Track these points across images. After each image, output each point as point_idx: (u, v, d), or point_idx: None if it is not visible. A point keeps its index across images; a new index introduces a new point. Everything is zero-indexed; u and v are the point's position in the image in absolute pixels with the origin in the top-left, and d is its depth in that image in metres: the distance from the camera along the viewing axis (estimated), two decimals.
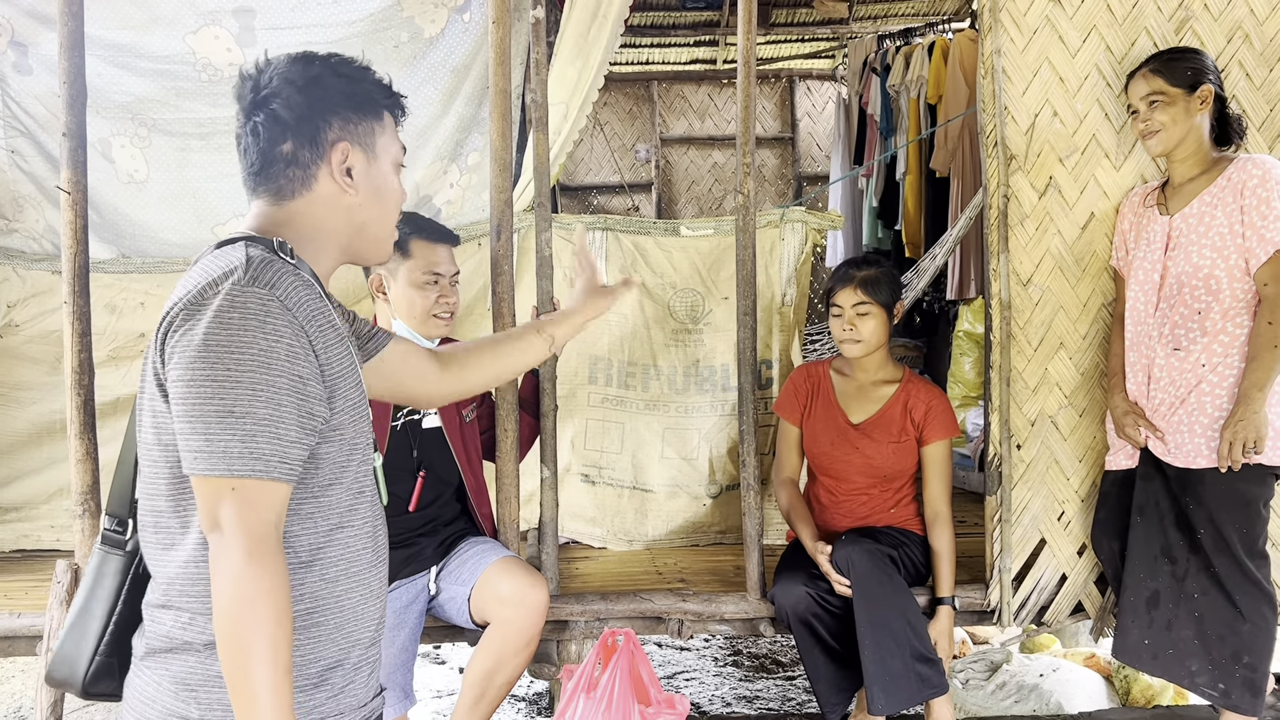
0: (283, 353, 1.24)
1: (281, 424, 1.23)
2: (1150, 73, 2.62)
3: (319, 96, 1.38)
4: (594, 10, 3.44)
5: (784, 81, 8.12)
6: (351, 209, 1.43)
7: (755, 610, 2.94)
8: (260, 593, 1.19)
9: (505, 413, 2.78)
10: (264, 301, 1.23)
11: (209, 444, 1.20)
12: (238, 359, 1.21)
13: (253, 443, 1.21)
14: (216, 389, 1.20)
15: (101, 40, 3.27)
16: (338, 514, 1.34)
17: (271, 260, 1.29)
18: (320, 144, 1.39)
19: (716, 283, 3.63)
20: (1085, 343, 2.90)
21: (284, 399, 1.23)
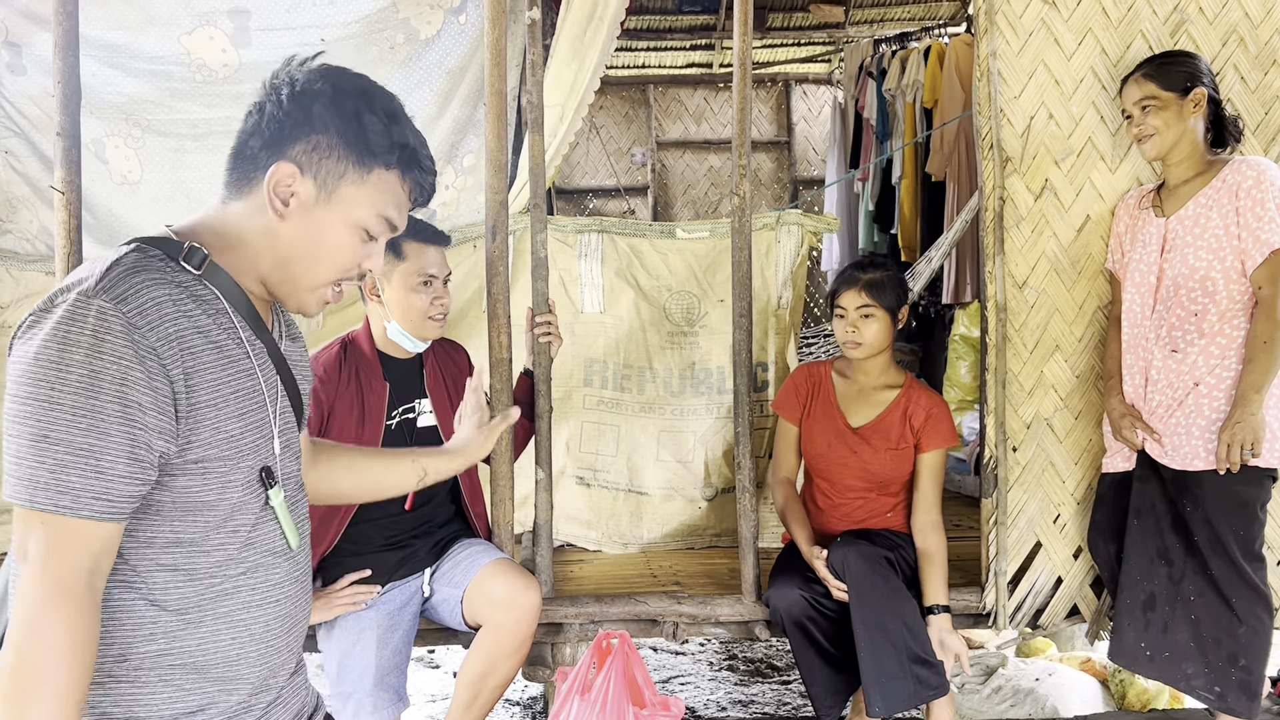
0: (116, 376, 1.09)
1: (104, 455, 1.09)
2: (1143, 77, 2.62)
3: (306, 110, 1.27)
4: (590, 13, 3.44)
5: (780, 85, 8.14)
6: (275, 235, 1.28)
7: (750, 613, 2.94)
8: (55, 648, 1.07)
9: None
10: (103, 317, 1.10)
11: (18, 469, 1.09)
12: (62, 378, 1.08)
13: (63, 474, 1.08)
14: (35, 409, 1.08)
15: (96, 40, 3.26)
16: (204, 552, 1.22)
17: (142, 269, 1.16)
18: (278, 155, 1.27)
19: (712, 285, 3.62)
20: (1081, 345, 2.90)
21: (111, 428, 1.09)
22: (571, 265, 3.61)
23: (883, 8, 6.93)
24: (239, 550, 1.26)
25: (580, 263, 3.62)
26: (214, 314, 1.23)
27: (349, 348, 2.62)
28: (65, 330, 1.09)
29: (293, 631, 1.35)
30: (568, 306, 3.59)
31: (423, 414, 2.68)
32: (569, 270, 3.61)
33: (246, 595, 1.26)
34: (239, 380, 1.25)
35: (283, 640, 1.33)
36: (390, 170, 1.32)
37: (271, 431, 1.30)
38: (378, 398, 2.59)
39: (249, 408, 1.26)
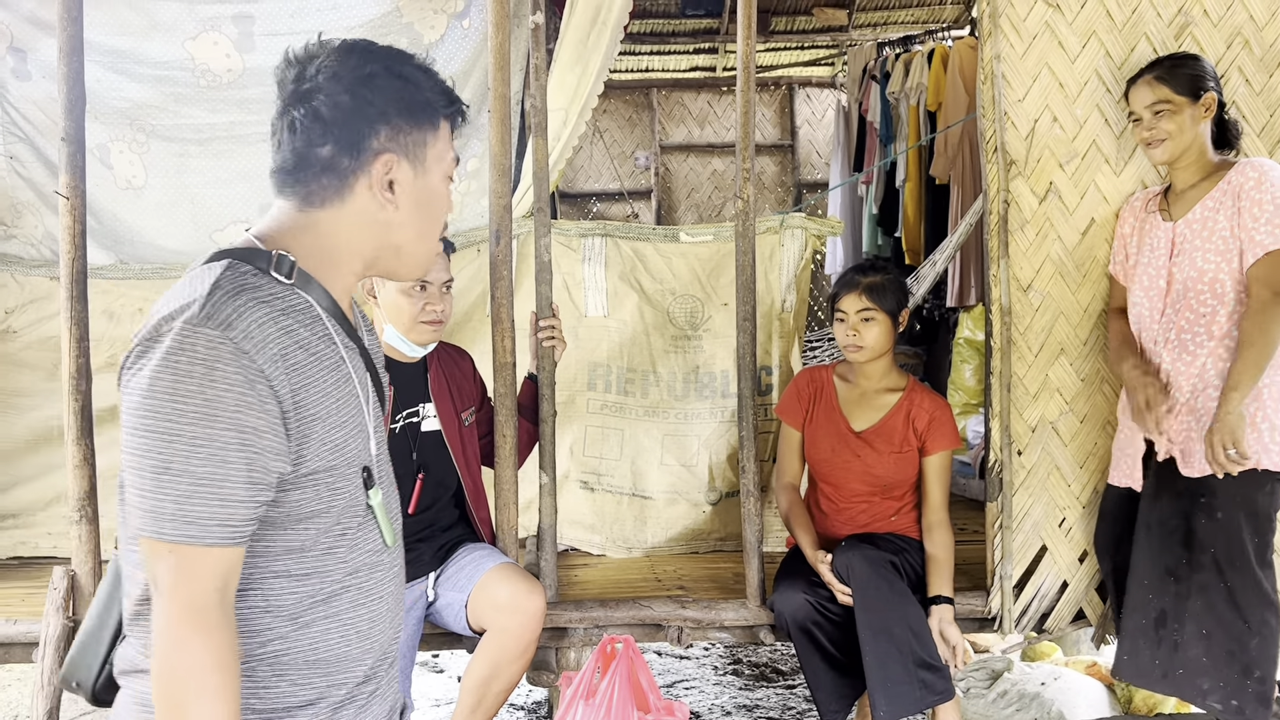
0: (231, 403, 1.11)
1: (226, 483, 1.11)
2: (1155, 80, 2.59)
3: (368, 99, 1.24)
4: (594, 16, 3.44)
5: (783, 89, 8.14)
6: (389, 225, 1.30)
7: (755, 618, 2.93)
8: (198, 669, 1.10)
9: (504, 418, 2.77)
10: (213, 345, 1.11)
11: (143, 501, 1.11)
12: (179, 409, 1.09)
13: (188, 505, 1.10)
14: (155, 442, 1.10)
15: (100, 46, 3.27)
16: (313, 558, 1.24)
17: (240, 290, 1.16)
18: (363, 152, 1.25)
19: (716, 289, 3.62)
20: (1086, 348, 2.89)
21: (231, 455, 1.11)
22: (575, 269, 3.61)
23: (886, 11, 6.93)
24: (346, 553, 1.28)
25: (584, 267, 3.62)
26: (309, 323, 1.23)
27: None
28: (175, 360, 1.10)
29: (393, 625, 1.38)
30: (571, 310, 3.59)
31: (426, 418, 2.68)
32: (573, 274, 3.61)
33: (354, 594, 1.29)
34: (339, 387, 1.26)
35: (385, 635, 1.36)
36: (447, 119, 1.34)
37: (368, 432, 1.31)
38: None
39: (349, 413, 1.27)
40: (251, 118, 3.41)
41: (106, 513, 2.88)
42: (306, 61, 1.26)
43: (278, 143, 1.27)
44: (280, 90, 1.27)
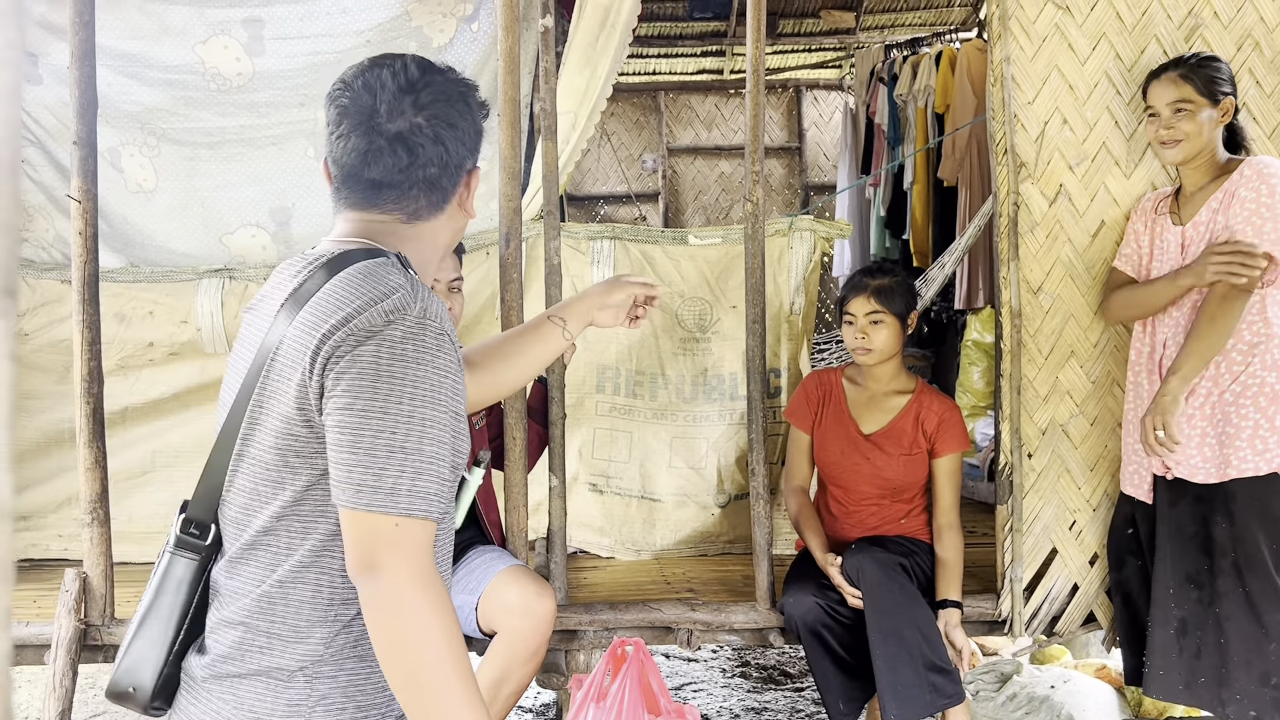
0: (449, 389, 1.21)
1: (442, 461, 1.21)
2: (1180, 78, 2.55)
3: (470, 123, 1.36)
4: (602, 19, 3.44)
5: (791, 91, 8.14)
6: (461, 229, 1.42)
7: (765, 620, 2.93)
8: (438, 625, 1.16)
9: (513, 421, 2.78)
10: (437, 336, 1.21)
11: (376, 479, 1.16)
12: (410, 393, 1.18)
13: (421, 481, 1.18)
14: (388, 422, 1.17)
15: (111, 50, 3.28)
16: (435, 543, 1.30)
17: (424, 287, 1.27)
18: (461, 171, 1.37)
19: (725, 291, 3.62)
20: (1096, 351, 2.88)
21: (445, 436, 1.21)
22: (584, 272, 3.61)
23: (893, 13, 6.93)
24: (444, 540, 1.35)
25: (593, 269, 3.62)
26: None
27: None
28: (405, 348, 1.19)
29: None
30: None
31: None
32: (581, 277, 3.61)
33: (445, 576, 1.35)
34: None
35: None
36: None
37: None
38: None
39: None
40: (262, 121, 3.42)
41: (118, 515, 2.89)
42: (418, 83, 1.32)
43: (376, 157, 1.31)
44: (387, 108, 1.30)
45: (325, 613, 1.25)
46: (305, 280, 1.29)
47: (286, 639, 1.24)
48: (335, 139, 1.34)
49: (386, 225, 1.35)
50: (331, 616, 1.26)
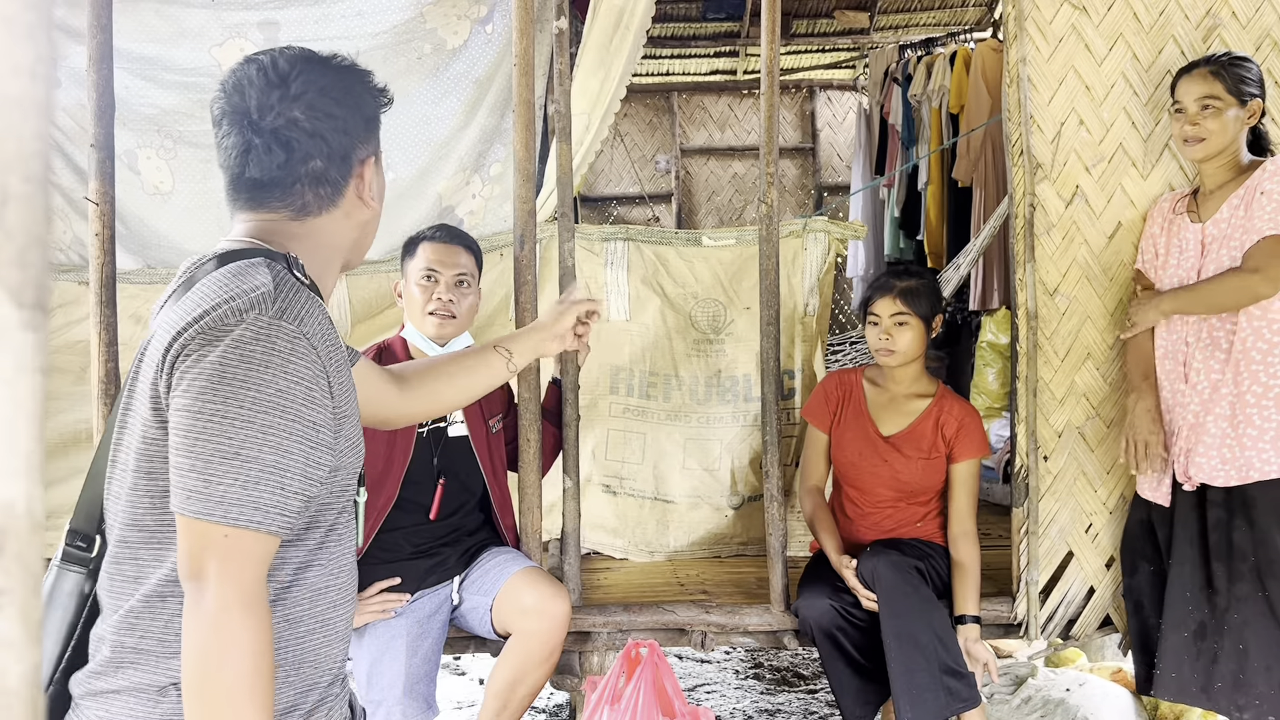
0: (300, 396, 1.14)
1: (286, 474, 1.13)
2: (1211, 75, 2.52)
3: (353, 111, 1.30)
4: (616, 21, 3.44)
5: (804, 92, 8.13)
6: (366, 223, 1.36)
7: (779, 623, 2.92)
8: (248, 650, 1.10)
9: (528, 423, 2.78)
10: (292, 339, 1.14)
11: (207, 486, 1.10)
12: (253, 398, 1.11)
13: (255, 490, 1.11)
14: (225, 427, 1.10)
15: (128, 53, 3.30)
16: (308, 552, 1.25)
17: (297, 287, 1.20)
18: (351, 162, 1.31)
19: (739, 293, 3.62)
20: (1113, 353, 2.87)
21: (293, 446, 1.14)
22: (598, 273, 3.62)
23: (908, 13, 6.91)
24: (335, 550, 1.30)
25: (606, 271, 3.62)
26: (331, 325, 1.27)
27: (383, 355, 2.64)
28: (253, 349, 1.12)
29: (351, 624, 1.40)
30: None
31: (454, 424, 2.69)
32: (595, 278, 3.62)
33: (335, 594, 1.30)
34: (353, 389, 1.30)
35: (349, 633, 1.37)
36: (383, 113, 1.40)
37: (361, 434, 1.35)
38: None
39: (357, 415, 1.31)
40: None
41: None
42: (288, 76, 1.26)
43: (251, 153, 1.27)
44: (257, 105, 1.26)
45: None
46: (186, 279, 1.26)
47: (156, 654, 1.18)
48: (218, 142, 1.31)
49: (276, 224, 1.30)
50: None
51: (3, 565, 0.34)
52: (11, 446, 0.34)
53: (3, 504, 0.34)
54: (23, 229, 0.35)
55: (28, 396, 0.35)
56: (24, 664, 0.35)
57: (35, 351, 0.35)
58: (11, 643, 0.34)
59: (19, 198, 0.35)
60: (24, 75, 0.34)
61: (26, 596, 0.35)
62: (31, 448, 0.35)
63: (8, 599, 0.34)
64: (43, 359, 0.35)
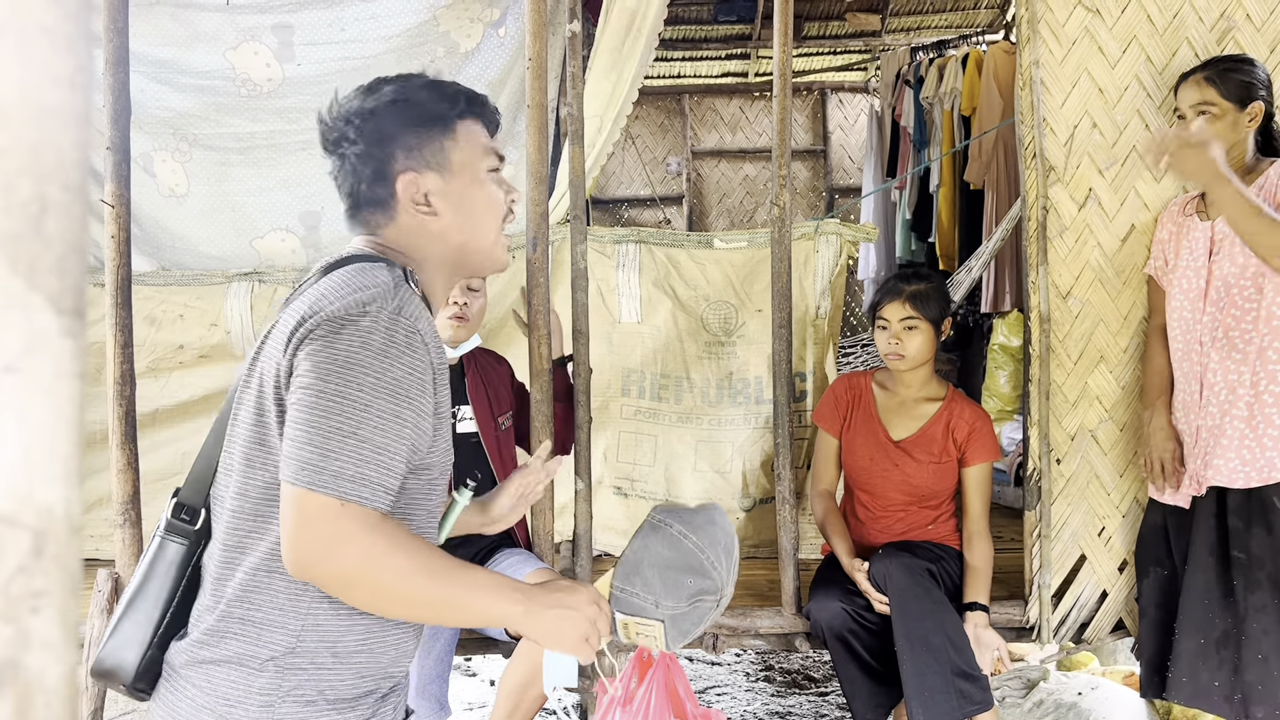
0: (414, 385, 1.23)
1: (395, 456, 1.22)
2: (1204, 80, 2.53)
3: (376, 130, 1.36)
4: (629, 24, 3.45)
5: (816, 94, 8.12)
6: (443, 233, 1.39)
7: (790, 625, 2.92)
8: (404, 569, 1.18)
9: (540, 425, 2.79)
10: (409, 333, 1.23)
11: (324, 460, 1.17)
12: (373, 383, 1.20)
13: (366, 468, 1.19)
14: (345, 407, 1.18)
15: (144, 56, 3.33)
16: None
17: (410, 290, 1.30)
18: (389, 179, 1.37)
19: (750, 295, 3.62)
20: (1126, 356, 2.86)
21: (404, 431, 1.22)
22: (609, 275, 3.62)
23: (919, 15, 6.90)
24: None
25: (618, 273, 3.63)
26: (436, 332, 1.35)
27: None
28: (374, 339, 1.21)
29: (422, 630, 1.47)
30: (605, 316, 3.60)
31: (463, 420, 2.70)
32: (606, 280, 3.62)
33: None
34: (445, 393, 1.35)
35: (418, 639, 1.44)
36: (463, 118, 1.41)
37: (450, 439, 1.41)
38: None
39: (451, 420, 1.40)
40: (291, 126, 3.46)
41: (149, 516, 2.91)
42: (330, 115, 1.40)
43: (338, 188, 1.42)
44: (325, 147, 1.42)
45: (298, 603, 1.26)
46: (316, 275, 1.37)
47: (260, 626, 1.25)
48: None
49: (373, 241, 1.40)
50: (304, 609, 1.27)
51: (41, 567, 0.34)
52: (51, 451, 0.35)
53: (42, 507, 0.34)
54: (61, 237, 0.35)
55: (66, 402, 0.36)
56: (63, 665, 0.35)
57: (74, 357, 0.36)
58: (51, 644, 0.35)
59: (58, 206, 0.35)
60: (64, 85, 0.35)
61: (65, 598, 0.35)
62: (70, 452, 0.36)
63: (46, 601, 0.35)
64: (81, 365, 0.36)
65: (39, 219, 0.34)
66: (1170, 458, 2.60)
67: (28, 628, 0.34)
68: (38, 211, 0.34)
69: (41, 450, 0.35)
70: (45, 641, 0.34)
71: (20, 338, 0.34)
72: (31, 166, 0.34)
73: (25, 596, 0.34)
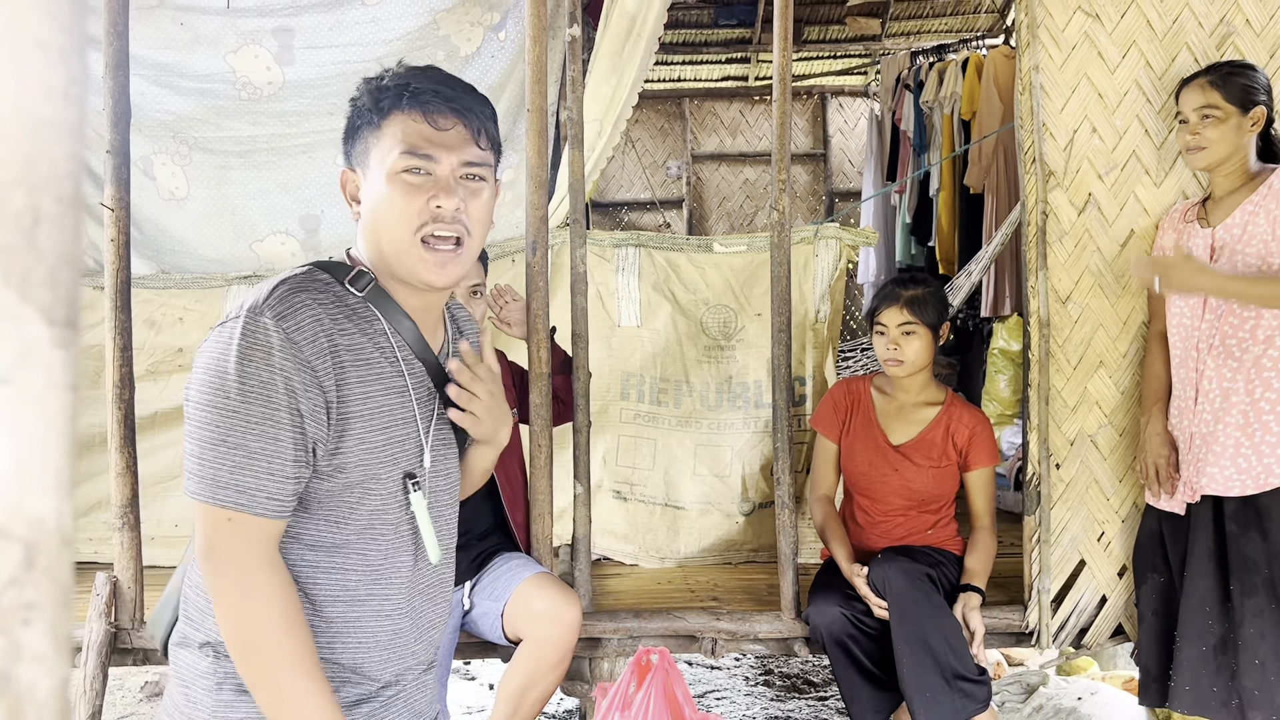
0: (282, 385, 1.21)
1: (274, 459, 1.21)
2: (1208, 84, 2.54)
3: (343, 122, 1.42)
4: (629, 29, 3.46)
5: (816, 98, 8.12)
6: (366, 231, 1.37)
7: (789, 630, 2.92)
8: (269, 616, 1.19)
9: (539, 428, 2.79)
10: (269, 332, 1.21)
11: (200, 468, 1.20)
12: (240, 387, 1.19)
13: (240, 475, 1.20)
14: (215, 415, 1.20)
15: (145, 60, 3.33)
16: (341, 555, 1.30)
17: (301, 289, 1.27)
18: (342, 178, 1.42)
19: (749, 299, 3.62)
20: (1125, 361, 2.86)
21: (280, 433, 1.21)
22: (609, 279, 3.63)
23: (919, 20, 6.91)
24: (376, 560, 1.33)
25: (617, 277, 3.63)
26: (373, 335, 1.33)
27: None
28: (237, 344, 1.21)
29: (423, 640, 1.43)
30: (605, 320, 3.60)
31: None
32: (606, 284, 3.62)
33: (379, 604, 1.34)
34: (389, 397, 1.33)
35: (411, 647, 1.40)
36: (392, 113, 1.33)
37: (422, 446, 1.38)
38: None
39: (395, 423, 1.34)
40: (291, 130, 3.46)
41: (148, 519, 2.92)
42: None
43: None
44: None
45: None
46: None
47: (197, 611, 1.31)
48: None
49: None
50: None
51: (33, 580, 0.34)
52: (43, 463, 0.35)
53: (33, 519, 0.34)
54: (54, 249, 0.35)
55: (58, 413, 0.36)
56: (54, 677, 0.35)
57: (66, 369, 0.36)
58: (42, 656, 0.35)
59: (51, 218, 0.35)
60: (57, 98, 0.35)
61: (56, 611, 0.35)
62: (62, 464, 0.36)
63: (38, 613, 0.34)
64: (73, 376, 0.36)
65: (32, 231, 0.34)
66: (1165, 464, 2.61)
67: (19, 640, 0.34)
68: (30, 223, 0.34)
69: (33, 462, 0.35)
70: (36, 654, 0.34)
71: (12, 349, 0.34)
72: (25, 178, 0.34)
73: (16, 609, 0.34)
